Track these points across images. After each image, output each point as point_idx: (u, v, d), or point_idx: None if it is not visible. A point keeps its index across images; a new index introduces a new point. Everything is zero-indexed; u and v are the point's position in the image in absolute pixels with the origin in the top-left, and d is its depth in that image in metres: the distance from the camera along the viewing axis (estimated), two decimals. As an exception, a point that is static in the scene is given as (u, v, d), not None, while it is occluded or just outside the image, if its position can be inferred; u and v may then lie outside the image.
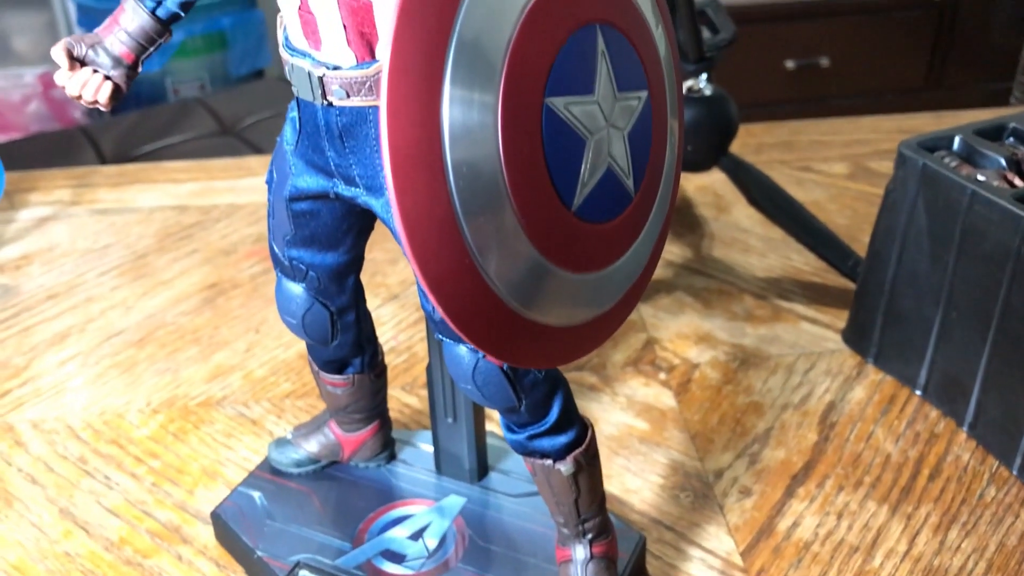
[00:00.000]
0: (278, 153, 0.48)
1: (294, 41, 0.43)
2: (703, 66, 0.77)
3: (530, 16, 0.29)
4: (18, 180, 1.04)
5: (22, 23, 2.25)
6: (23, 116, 2.10)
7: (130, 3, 0.48)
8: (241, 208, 0.98)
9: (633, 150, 0.33)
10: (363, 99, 0.41)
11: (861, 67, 2.53)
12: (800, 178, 1.01)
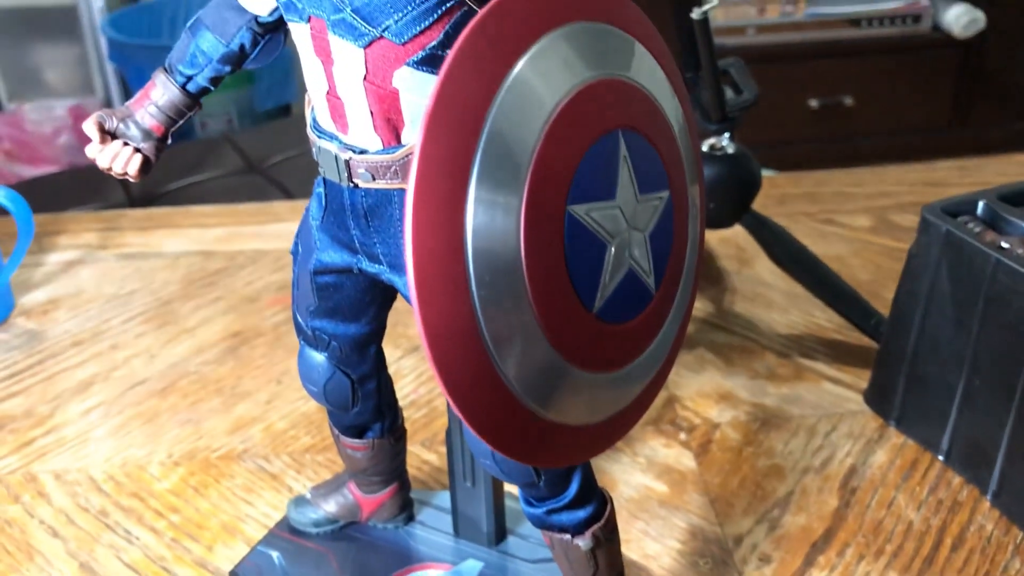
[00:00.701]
0: (304, 227, 0.48)
1: (322, 123, 0.44)
2: (726, 126, 0.78)
3: (557, 122, 0.30)
4: (47, 222, 1.05)
5: (54, 56, 2.29)
6: (54, 148, 2.13)
7: (160, 77, 0.49)
8: (266, 254, 0.99)
9: (654, 249, 0.34)
10: (388, 182, 0.42)
11: (885, 106, 2.52)
12: (823, 231, 1.01)
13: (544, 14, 0.31)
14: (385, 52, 0.39)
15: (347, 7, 0.39)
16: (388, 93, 0.40)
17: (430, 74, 0.39)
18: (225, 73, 0.49)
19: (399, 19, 0.38)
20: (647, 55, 0.35)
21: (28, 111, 2.17)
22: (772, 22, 2.39)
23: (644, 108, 0.34)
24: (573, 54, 0.31)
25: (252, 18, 0.47)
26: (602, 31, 0.33)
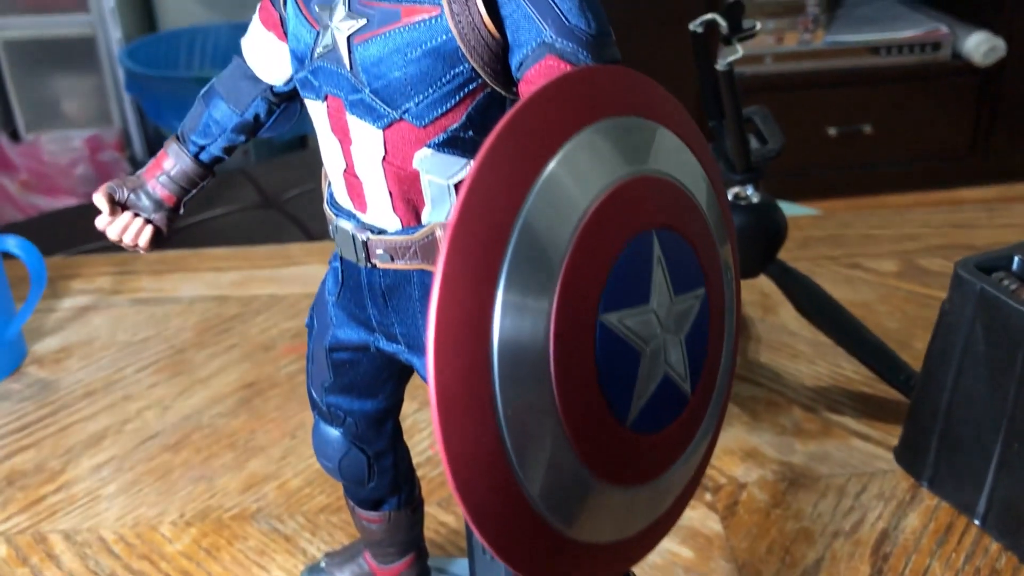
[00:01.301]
0: (319, 301, 0.47)
1: (339, 200, 0.42)
2: (750, 176, 0.76)
3: (589, 225, 0.28)
4: (61, 265, 1.05)
5: (71, 86, 2.30)
6: (70, 179, 2.14)
7: (173, 147, 0.48)
8: (281, 300, 0.97)
9: (691, 352, 0.32)
10: (407, 263, 0.40)
11: (904, 134, 2.50)
12: (849, 276, 0.99)
13: (577, 111, 0.29)
14: (405, 134, 0.37)
15: (366, 88, 0.37)
16: (408, 174, 0.38)
17: (451, 155, 0.38)
18: (239, 143, 0.48)
19: (420, 101, 0.37)
20: (679, 143, 0.34)
21: (45, 142, 2.18)
22: (790, 50, 2.37)
23: (678, 203, 0.32)
24: (606, 151, 0.30)
25: (267, 88, 0.46)
26: (635, 125, 0.32)
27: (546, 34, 0.35)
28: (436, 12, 0.36)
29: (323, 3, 0.38)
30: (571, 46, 0.34)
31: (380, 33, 0.36)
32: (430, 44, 0.36)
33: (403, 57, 0.36)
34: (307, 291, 1.00)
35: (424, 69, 0.36)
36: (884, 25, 2.43)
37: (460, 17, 0.35)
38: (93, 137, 2.22)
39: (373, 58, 0.37)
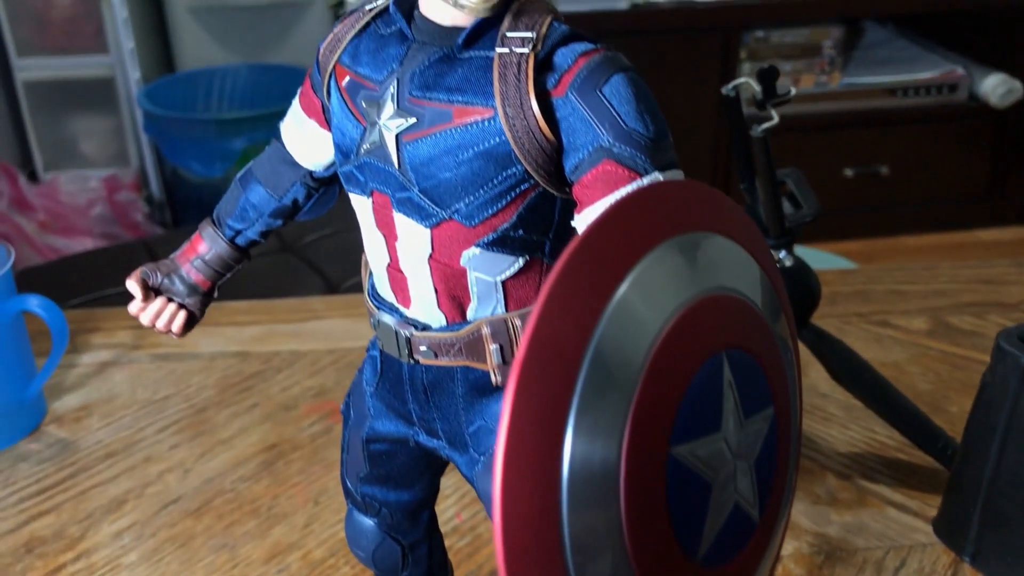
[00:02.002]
0: (356, 391, 0.46)
1: (381, 293, 0.41)
2: (784, 241, 0.74)
3: (659, 353, 0.27)
4: (82, 318, 1.04)
5: (90, 127, 2.31)
6: (87, 219, 2.14)
7: (208, 230, 0.47)
8: (303, 356, 0.96)
9: (759, 475, 0.31)
10: (451, 359, 0.39)
11: (921, 175, 2.49)
12: (879, 335, 0.97)
13: (644, 232, 0.28)
14: (453, 233, 0.36)
15: (414, 187, 0.36)
16: (455, 271, 0.37)
17: (500, 254, 0.37)
18: (276, 227, 0.47)
19: (470, 202, 0.36)
20: (743, 254, 0.33)
21: (63, 182, 2.18)
22: (807, 92, 2.37)
23: (746, 320, 0.31)
24: (675, 271, 0.29)
25: (307, 173, 0.45)
26: (700, 240, 0.31)
27: (603, 138, 0.34)
28: (489, 114, 0.35)
29: (370, 99, 0.38)
30: (629, 151, 0.33)
31: (431, 133, 0.36)
32: (482, 146, 0.35)
33: (454, 158, 0.35)
34: (328, 347, 0.99)
35: (475, 170, 0.35)
36: (900, 67, 2.43)
37: (514, 121, 0.34)
38: (110, 177, 2.22)
39: (423, 158, 0.36)
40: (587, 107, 0.34)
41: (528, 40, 0.35)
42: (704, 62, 2.30)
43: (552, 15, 0.37)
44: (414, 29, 0.38)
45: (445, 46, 0.37)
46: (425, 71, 0.36)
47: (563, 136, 0.35)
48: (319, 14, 2.37)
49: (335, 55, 0.40)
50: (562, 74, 0.35)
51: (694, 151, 2.37)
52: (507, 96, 0.34)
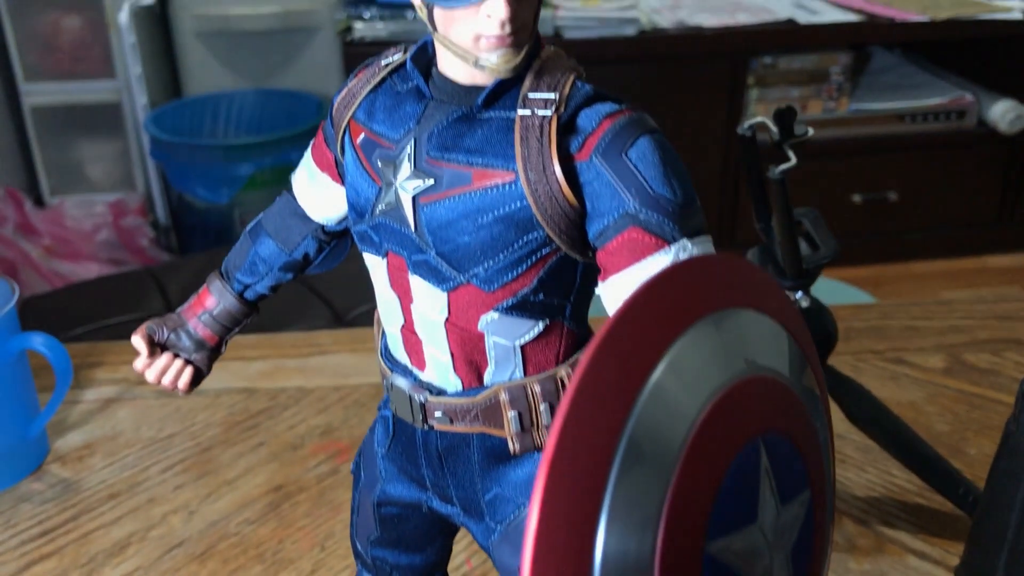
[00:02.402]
0: (367, 451, 0.44)
1: (395, 354, 0.40)
2: (801, 283, 0.73)
3: (695, 442, 0.26)
4: (85, 353, 1.03)
5: (96, 151, 2.31)
6: (93, 244, 2.13)
7: (216, 284, 0.46)
8: (309, 393, 0.95)
9: (795, 561, 0.29)
10: (468, 426, 0.38)
11: (930, 201, 2.48)
12: (894, 372, 0.96)
13: (678, 312, 0.27)
14: (471, 297, 0.35)
15: (431, 250, 0.35)
16: (472, 335, 0.36)
17: (520, 318, 0.35)
18: (286, 280, 0.46)
19: (489, 267, 0.34)
20: (777, 329, 0.31)
21: (68, 207, 2.18)
22: (814, 118, 2.36)
23: (781, 402, 0.30)
24: (710, 352, 0.28)
25: (318, 227, 0.44)
26: (735, 317, 0.29)
27: (629, 204, 0.33)
28: (510, 178, 0.34)
29: (386, 158, 0.37)
30: (656, 217, 0.32)
31: (449, 196, 0.34)
32: (503, 211, 0.34)
33: (473, 222, 0.34)
34: (335, 383, 0.97)
35: (495, 235, 0.34)
36: (909, 93, 2.42)
37: (536, 186, 0.33)
38: (117, 202, 2.22)
39: (441, 221, 0.35)
40: (612, 172, 0.33)
41: (551, 102, 0.34)
42: (712, 88, 2.30)
43: (575, 73, 0.36)
44: (432, 87, 0.37)
45: (464, 105, 0.36)
46: (443, 131, 0.35)
47: (587, 201, 0.34)
48: (327, 40, 2.37)
49: (349, 110, 0.39)
50: (586, 137, 0.34)
51: (702, 177, 2.36)
52: (529, 160, 0.33)
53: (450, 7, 0.34)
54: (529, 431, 0.36)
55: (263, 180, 2.15)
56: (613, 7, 2.20)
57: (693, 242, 0.33)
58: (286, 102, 2.34)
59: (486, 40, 0.34)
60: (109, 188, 2.30)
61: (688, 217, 0.33)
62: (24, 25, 2.14)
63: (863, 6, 2.30)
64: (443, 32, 0.35)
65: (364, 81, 0.39)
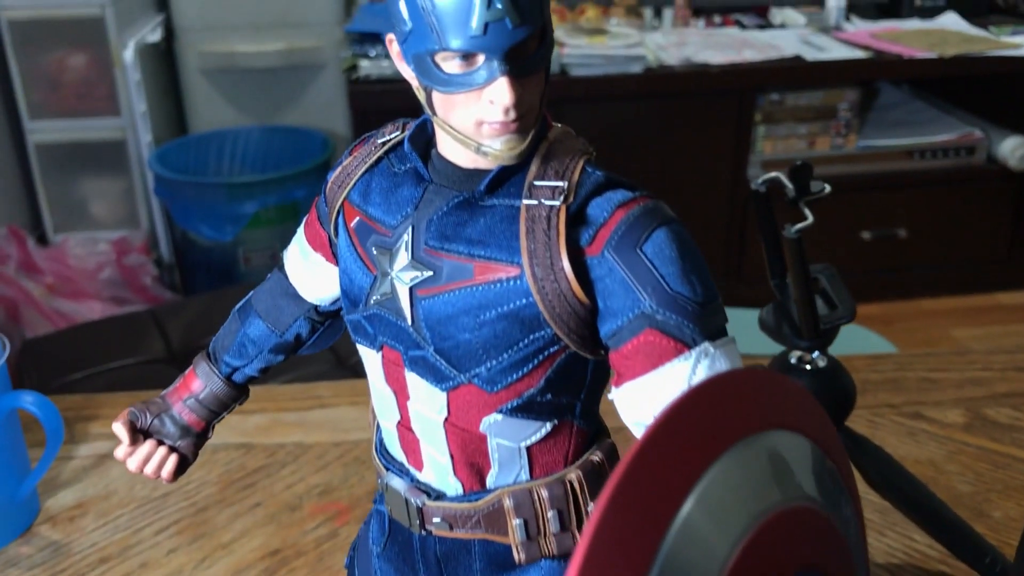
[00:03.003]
0: (362, 546, 0.41)
1: (390, 449, 0.37)
2: (818, 343, 0.70)
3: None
4: (80, 405, 1.00)
5: (100, 189, 2.30)
6: (96, 283, 2.11)
7: (203, 366, 0.43)
8: (308, 450, 0.92)
9: None
10: (469, 532, 0.35)
11: (940, 238, 2.45)
12: (912, 429, 0.93)
13: (707, 439, 0.24)
14: (472, 397, 0.33)
15: (429, 347, 0.33)
16: (473, 436, 0.33)
17: (526, 420, 0.33)
18: (277, 363, 0.44)
19: (492, 366, 0.32)
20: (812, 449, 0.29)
21: (71, 245, 2.16)
22: (823, 154, 2.35)
23: (819, 533, 0.27)
24: (743, 483, 0.25)
25: (311, 307, 0.41)
26: (768, 442, 0.27)
27: (645, 304, 0.30)
28: (515, 273, 0.31)
29: (382, 245, 0.34)
30: (674, 318, 0.30)
31: (449, 290, 0.32)
32: (507, 307, 0.31)
33: (475, 319, 0.32)
34: (335, 439, 0.95)
35: (498, 332, 0.31)
36: (917, 129, 2.40)
37: (544, 282, 0.30)
38: (120, 240, 2.20)
39: (440, 316, 0.32)
40: (626, 268, 0.30)
41: (559, 190, 0.31)
42: (719, 125, 2.28)
43: (585, 156, 0.33)
44: (431, 169, 0.35)
45: (465, 190, 0.33)
46: (443, 218, 0.33)
47: (599, 298, 0.31)
48: (332, 77, 2.37)
49: (344, 191, 0.37)
50: (598, 229, 0.31)
51: (709, 215, 2.34)
52: (536, 254, 0.30)
53: (449, 92, 0.31)
54: (535, 539, 0.33)
55: (267, 218, 2.13)
56: (619, 45, 2.19)
57: (715, 345, 0.31)
58: (291, 139, 2.33)
59: (489, 126, 0.31)
60: (113, 225, 2.29)
61: (709, 317, 0.31)
62: (30, 63, 2.14)
63: (870, 43, 2.29)
64: (443, 117, 0.33)
65: (360, 160, 0.37)
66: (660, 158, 2.28)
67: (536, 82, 0.33)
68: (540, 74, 0.33)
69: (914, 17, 2.49)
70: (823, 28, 2.41)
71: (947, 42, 2.29)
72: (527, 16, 0.32)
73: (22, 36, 2.11)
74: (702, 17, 2.47)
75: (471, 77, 0.32)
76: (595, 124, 2.21)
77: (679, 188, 2.31)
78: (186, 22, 2.31)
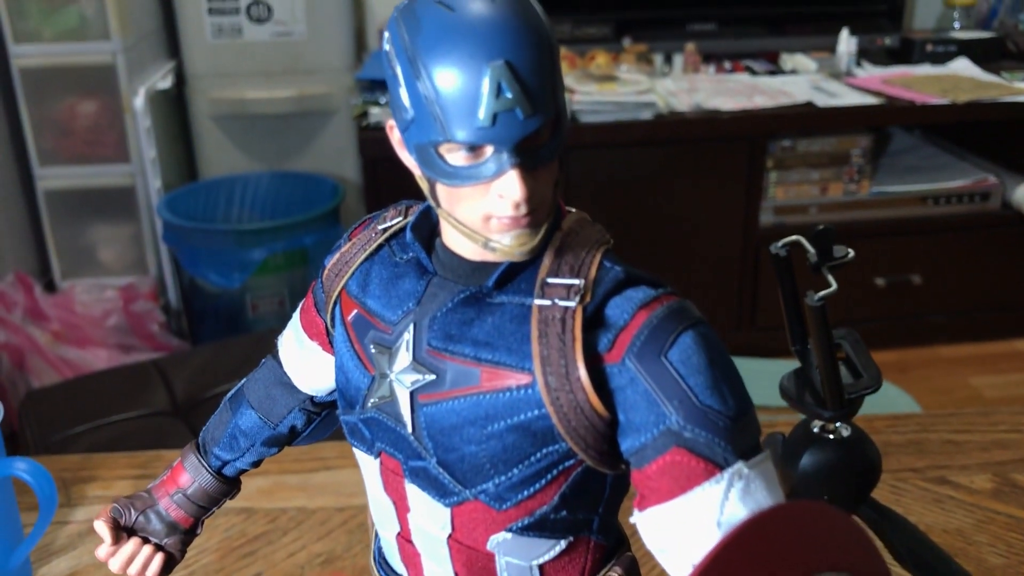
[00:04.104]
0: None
1: (389, 559, 0.35)
2: (842, 413, 0.67)
3: None
4: (78, 466, 0.97)
5: (109, 235, 2.29)
6: (102, 330, 2.10)
7: (191, 459, 0.40)
8: (311, 515, 0.89)
9: None
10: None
11: (954, 284, 2.42)
12: (938, 496, 0.89)
13: None
14: (479, 515, 0.30)
15: (431, 458, 0.30)
16: (480, 555, 0.31)
17: (538, 538, 0.30)
18: (270, 455, 0.41)
19: (500, 482, 0.29)
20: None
21: (78, 292, 2.15)
22: (835, 200, 2.32)
23: None
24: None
25: (307, 398, 0.39)
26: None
27: (671, 419, 0.27)
28: (526, 381, 0.29)
29: (381, 343, 0.31)
30: (704, 435, 0.27)
31: (453, 396, 0.29)
32: (517, 419, 0.28)
33: (481, 430, 0.29)
34: (338, 504, 0.92)
35: (507, 445, 0.29)
36: (931, 175, 2.38)
37: (558, 392, 0.28)
38: (127, 286, 2.19)
39: (443, 425, 0.30)
40: (650, 378, 0.28)
41: (575, 289, 0.29)
42: (730, 171, 2.26)
43: (603, 248, 0.31)
44: (435, 261, 0.32)
45: (472, 285, 0.31)
46: (448, 316, 0.30)
47: (619, 411, 0.28)
48: (343, 124, 2.37)
49: (341, 280, 0.34)
50: (617, 333, 0.29)
51: (720, 262, 2.32)
52: (549, 361, 0.28)
53: (455, 184, 0.29)
54: None
55: (276, 265, 2.12)
56: (630, 91, 2.18)
57: (749, 465, 0.28)
58: (301, 185, 2.32)
59: (498, 221, 0.29)
60: (120, 272, 2.27)
61: (742, 432, 0.28)
62: (40, 110, 2.14)
63: (882, 88, 2.27)
64: (448, 209, 0.30)
65: (359, 247, 0.35)
66: (671, 205, 2.26)
67: (549, 172, 0.30)
68: (554, 164, 0.31)
69: (925, 62, 2.48)
70: (834, 74, 2.40)
71: (959, 88, 2.27)
72: (540, 105, 0.29)
73: (34, 84, 2.12)
74: (712, 63, 2.46)
75: (478, 170, 0.29)
76: (605, 171, 2.20)
77: (690, 235, 2.29)
78: (197, 69, 2.31)
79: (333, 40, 2.31)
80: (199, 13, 2.26)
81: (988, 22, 2.66)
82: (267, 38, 2.29)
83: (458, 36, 0.29)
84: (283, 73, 2.30)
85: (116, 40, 2.08)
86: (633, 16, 2.54)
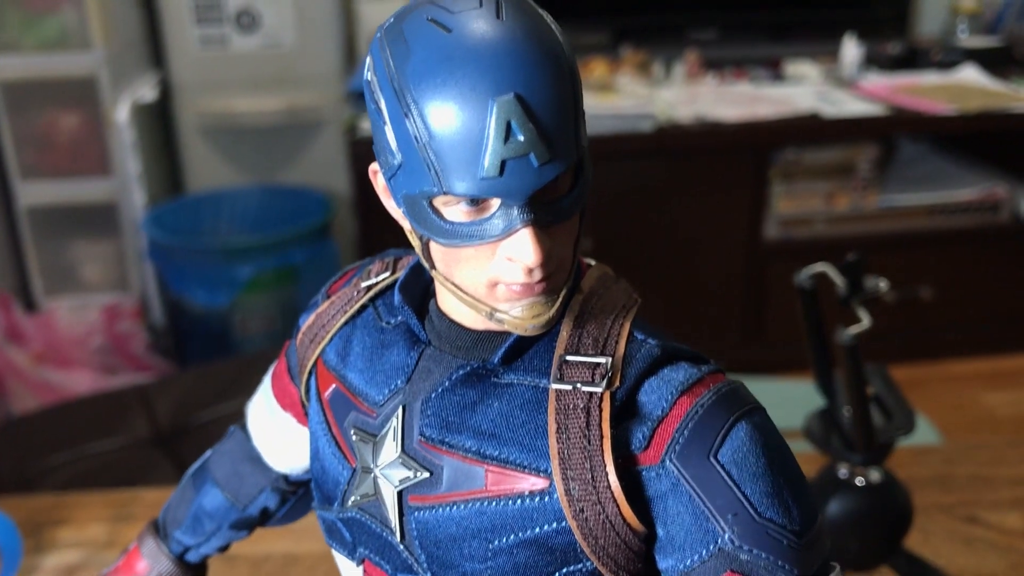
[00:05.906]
0: None
1: None
2: (873, 456, 0.62)
3: None
4: (50, 507, 0.91)
5: (92, 252, 2.23)
6: (85, 351, 2.03)
7: (149, 544, 0.34)
8: (296, 562, 0.83)
9: None
10: None
11: (964, 297, 2.36)
12: (968, 536, 0.83)
13: None
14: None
15: (426, 573, 0.24)
16: None
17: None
18: (239, 539, 0.35)
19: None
20: None
21: (60, 312, 2.08)
22: (842, 214, 2.27)
23: None
24: None
25: (279, 477, 0.33)
26: None
27: (724, 537, 0.21)
28: (542, 486, 0.22)
29: (364, 429, 0.25)
30: (764, 557, 0.21)
31: (451, 501, 0.23)
32: (531, 532, 0.22)
33: (486, 544, 0.23)
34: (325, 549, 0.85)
35: (519, 564, 0.23)
36: (939, 186, 2.33)
37: (582, 503, 0.22)
38: (110, 306, 2.12)
39: (439, 536, 0.24)
40: (696, 485, 0.21)
41: (601, 371, 0.23)
42: (734, 183, 2.21)
43: (631, 311, 0.24)
44: (428, 328, 0.26)
45: (474, 359, 0.24)
46: (444, 398, 0.24)
47: (657, 523, 0.22)
48: (332, 136, 2.31)
49: (318, 346, 0.28)
50: (655, 427, 0.22)
51: (724, 277, 2.26)
52: (570, 462, 0.22)
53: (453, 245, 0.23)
54: None
55: (265, 282, 2.06)
56: (629, 102, 2.12)
57: None
58: (290, 200, 2.26)
59: (506, 288, 0.23)
60: (103, 290, 2.21)
61: (809, 550, 0.22)
62: (21, 123, 2.08)
63: (889, 97, 2.22)
64: (444, 272, 0.24)
65: (338, 307, 0.28)
66: (673, 218, 2.20)
67: (568, 230, 0.24)
68: (574, 219, 0.24)
69: (932, 70, 2.43)
70: (839, 82, 2.35)
71: (967, 96, 2.22)
72: (558, 149, 0.23)
73: (14, 97, 2.05)
74: (713, 71, 2.41)
75: (482, 228, 0.23)
76: (605, 184, 2.14)
77: (693, 250, 2.23)
78: (182, 80, 2.25)
79: (323, 50, 2.26)
80: (185, 22, 2.20)
81: (994, 29, 2.61)
82: (255, 48, 2.23)
83: (456, 64, 0.23)
84: (271, 84, 2.24)
85: (98, 51, 2.02)
86: (631, 23, 2.48)
